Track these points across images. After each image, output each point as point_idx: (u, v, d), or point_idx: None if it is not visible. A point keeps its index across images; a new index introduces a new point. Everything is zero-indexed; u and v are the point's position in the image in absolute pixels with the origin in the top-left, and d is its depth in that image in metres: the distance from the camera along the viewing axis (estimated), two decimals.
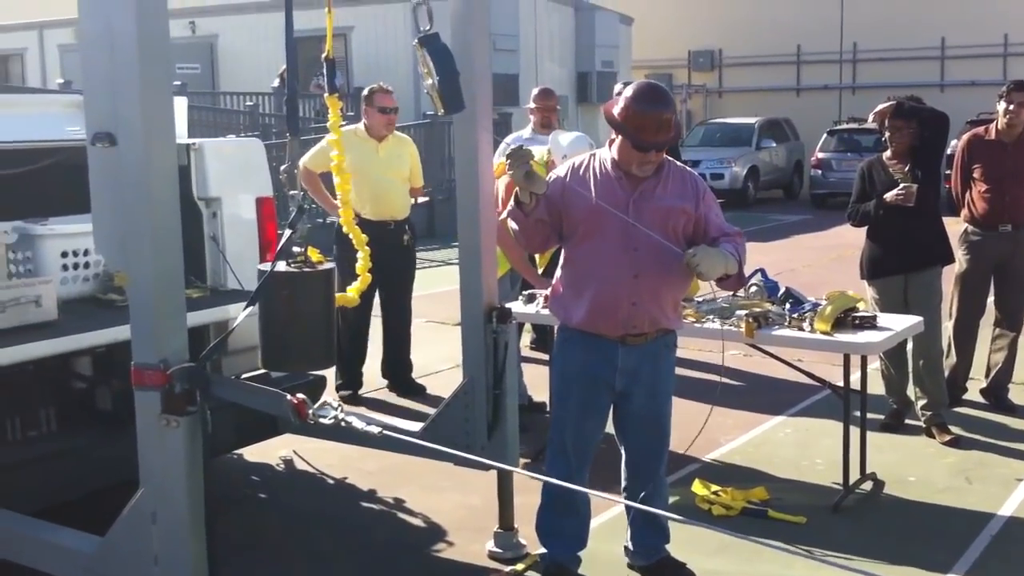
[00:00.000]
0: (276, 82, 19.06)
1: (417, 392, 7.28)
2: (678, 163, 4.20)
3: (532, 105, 7.54)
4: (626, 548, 4.43)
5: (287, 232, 3.58)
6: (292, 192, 3.72)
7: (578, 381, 4.15)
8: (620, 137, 3.95)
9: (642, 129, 3.87)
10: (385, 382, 7.44)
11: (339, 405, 3.13)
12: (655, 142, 3.88)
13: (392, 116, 7.13)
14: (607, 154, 4.06)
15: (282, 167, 3.83)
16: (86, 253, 4.69)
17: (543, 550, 4.36)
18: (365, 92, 7.06)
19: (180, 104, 5.14)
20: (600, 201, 3.92)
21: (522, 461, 5.19)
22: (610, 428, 4.32)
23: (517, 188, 3.95)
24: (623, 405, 4.17)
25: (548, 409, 5.86)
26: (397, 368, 7.43)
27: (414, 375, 7.49)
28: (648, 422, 4.19)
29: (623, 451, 4.32)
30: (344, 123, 5.10)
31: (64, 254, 4.66)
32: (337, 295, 3.80)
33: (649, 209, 3.94)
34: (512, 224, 4.06)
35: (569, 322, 4.13)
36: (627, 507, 4.36)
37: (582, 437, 4.21)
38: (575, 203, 4.00)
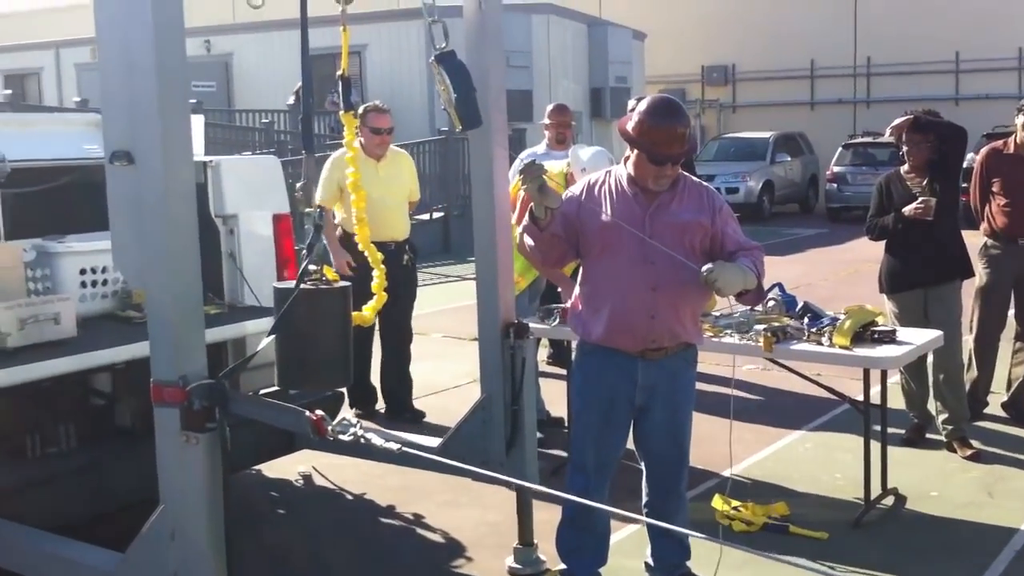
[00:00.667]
0: (291, 99, 19.17)
1: (416, 420, 6.98)
2: (694, 178, 4.20)
3: (547, 121, 7.54)
4: (647, 564, 4.40)
5: (304, 251, 3.58)
6: (307, 210, 3.72)
7: (597, 397, 4.14)
8: (636, 152, 3.95)
9: (657, 143, 3.87)
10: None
11: (358, 422, 3.12)
12: (670, 155, 3.88)
13: (386, 137, 6.97)
14: (623, 171, 4.06)
15: (298, 184, 3.84)
16: (104, 270, 4.71)
17: (563, 566, 4.34)
18: (359, 111, 6.86)
19: (197, 122, 5.16)
20: (614, 217, 3.92)
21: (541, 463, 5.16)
22: (631, 443, 4.30)
23: (532, 203, 3.94)
24: (643, 420, 4.15)
25: (566, 424, 5.85)
26: (396, 391, 7.21)
27: (433, 391, 7.45)
28: (668, 438, 4.17)
29: (643, 466, 4.30)
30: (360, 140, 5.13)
31: (83, 271, 4.68)
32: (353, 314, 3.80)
33: (665, 224, 3.94)
34: (528, 240, 4.05)
35: (588, 338, 4.12)
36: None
37: (602, 453, 4.19)
38: (591, 220, 4.01)
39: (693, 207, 4.01)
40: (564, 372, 6.32)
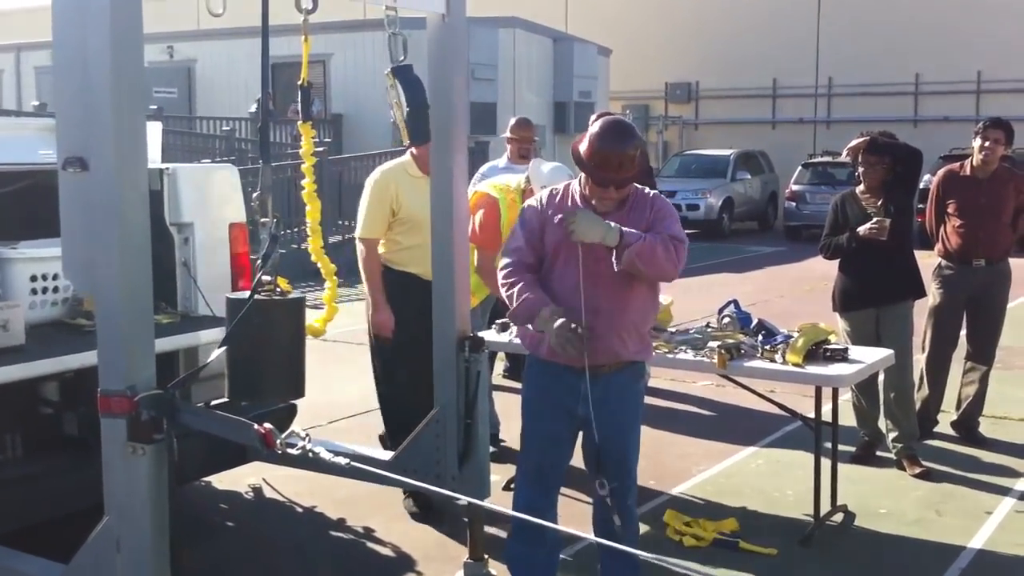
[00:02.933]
0: (254, 107, 19.04)
1: None
2: (645, 189, 4.18)
3: (509, 135, 7.53)
4: None
5: (259, 262, 3.56)
6: (263, 220, 3.70)
7: (541, 408, 4.16)
8: (582, 172, 4.00)
9: (600, 166, 3.90)
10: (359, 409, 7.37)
11: (307, 435, 3.11)
12: (613, 179, 3.91)
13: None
14: (577, 188, 4.10)
15: (254, 194, 3.81)
16: (55, 277, 4.65)
17: None
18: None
19: (154, 129, 5.13)
20: (560, 229, 3.93)
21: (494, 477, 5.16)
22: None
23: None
24: (588, 435, 4.15)
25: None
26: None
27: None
28: (613, 453, 4.16)
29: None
30: (320, 149, 5.10)
31: (33, 278, 4.62)
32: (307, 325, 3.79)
33: None
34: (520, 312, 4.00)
35: (536, 353, 4.13)
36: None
37: (546, 464, 4.20)
38: (549, 231, 4.03)
39: (638, 220, 4.02)
40: (519, 386, 6.32)
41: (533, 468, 4.21)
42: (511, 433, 6.52)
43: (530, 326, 4.03)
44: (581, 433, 4.19)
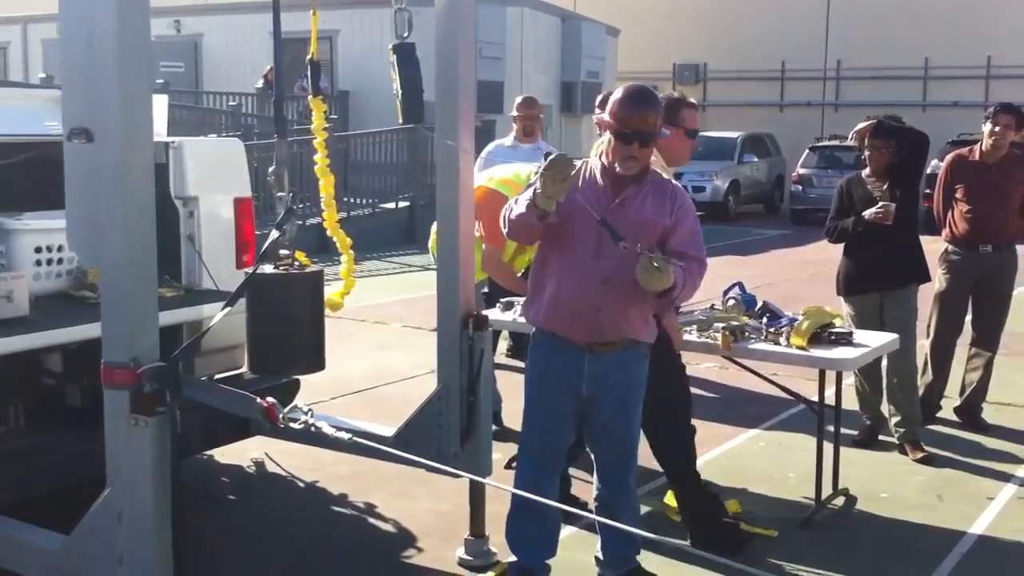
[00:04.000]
0: (260, 83, 19.03)
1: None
2: (664, 176, 4.20)
3: (515, 113, 7.53)
4: (597, 559, 4.41)
5: (273, 233, 3.56)
6: (280, 193, 3.70)
7: (543, 384, 4.18)
8: (607, 133, 4.02)
9: (624, 120, 3.93)
10: (358, 387, 7.39)
11: (309, 409, 3.11)
12: (638, 131, 3.92)
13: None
14: (596, 163, 4.11)
15: (270, 168, 3.81)
16: (60, 249, 4.65)
17: (513, 558, 4.34)
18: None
19: (160, 102, 5.12)
20: (579, 203, 3.92)
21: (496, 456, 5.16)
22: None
23: (541, 192, 3.82)
24: (591, 413, 4.16)
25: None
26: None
27: (392, 380, 7.44)
28: (615, 431, 4.18)
29: (593, 460, 4.32)
30: (328, 125, 5.10)
31: (38, 249, 4.62)
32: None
33: (626, 220, 3.95)
34: (516, 218, 3.98)
35: (534, 321, 4.18)
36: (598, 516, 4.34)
37: (549, 441, 4.22)
38: (563, 203, 4.00)
39: (656, 206, 4.03)
40: (523, 365, 6.32)
41: (535, 445, 4.24)
42: (516, 415, 6.53)
43: (532, 212, 3.90)
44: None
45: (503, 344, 7.98)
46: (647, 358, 4.23)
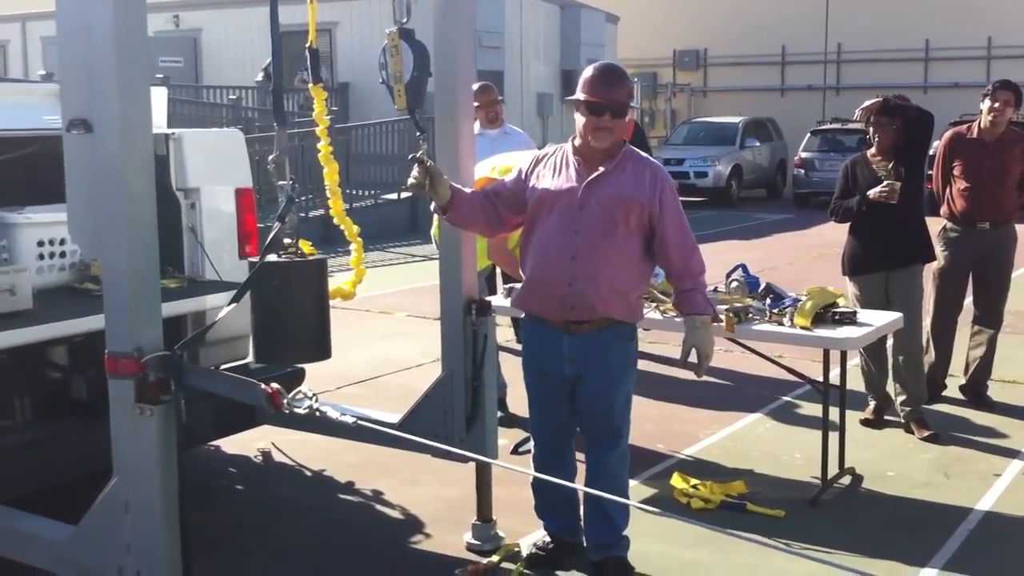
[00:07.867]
0: (260, 76, 18.97)
1: None
2: (644, 156, 4.19)
3: (475, 103, 7.50)
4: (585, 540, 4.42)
5: (276, 223, 3.56)
6: (281, 182, 3.70)
7: (531, 369, 4.28)
8: (577, 108, 4.06)
9: (595, 91, 3.99)
10: (359, 378, 7.39)
11: (314, 395, 3.11)
12: (607, 99, 3.97)
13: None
14: (568, 146, 4.16)
15: (271, 156, 3.81)
16: (63, 242, 4.65)
17: (520, 541, 4.37)
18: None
19: (160, 94, 5.11)
20: (553, 184, 4.06)
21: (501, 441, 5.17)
22: None
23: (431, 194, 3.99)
24: (576, 392, 4.19)
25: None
26: None
27: (397, 368, 7.44)
28: (596, 411, 4.18)
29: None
30: (329, 115, 5.10)
31: (40, 243, 4.62)
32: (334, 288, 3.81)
33: (599, 196, 4.00)
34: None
35: (516, 304, 4.27)
36: (586, 498, 4.33)
37: (546, 423, 4.28)
38: (533, 186, 4.13)
39: (631, 183, 4.04)
40: None
41: (536, 427, 4.34)
42: (520, 400, 6.53)
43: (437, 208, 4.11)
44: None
45: (510, 331, 7.98)
46: (631, 340, 4.23)
